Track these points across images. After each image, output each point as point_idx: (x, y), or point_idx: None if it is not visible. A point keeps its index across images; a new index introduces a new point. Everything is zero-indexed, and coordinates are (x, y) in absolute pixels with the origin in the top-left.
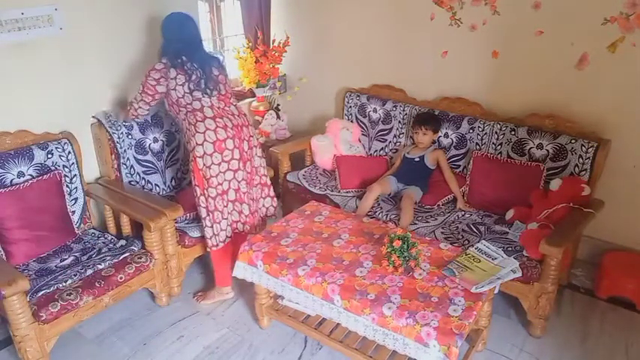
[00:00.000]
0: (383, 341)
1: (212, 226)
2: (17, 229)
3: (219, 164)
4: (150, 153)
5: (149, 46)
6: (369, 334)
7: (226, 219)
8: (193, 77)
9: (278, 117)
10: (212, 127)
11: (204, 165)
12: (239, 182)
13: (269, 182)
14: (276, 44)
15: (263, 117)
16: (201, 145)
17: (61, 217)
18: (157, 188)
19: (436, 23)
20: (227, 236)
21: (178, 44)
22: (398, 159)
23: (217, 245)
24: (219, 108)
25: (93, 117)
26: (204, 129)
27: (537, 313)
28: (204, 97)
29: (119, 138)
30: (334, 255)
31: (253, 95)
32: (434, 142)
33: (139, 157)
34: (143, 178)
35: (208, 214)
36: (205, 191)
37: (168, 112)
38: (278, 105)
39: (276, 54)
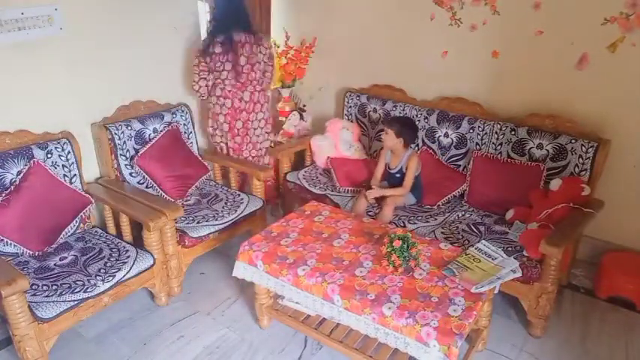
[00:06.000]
0: (384, 340)
1: None
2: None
3: None
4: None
5: (149, 46)
6: (370, 333)
7: None
8: None
9: (302, 118)
10: None
11: None
12: None
13: None
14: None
15: (287, 118)
16: None
17: None
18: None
19: (436, 23)
20: None
21: None
22: (381, 162)
23: None
24: None
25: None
26: None
27: (537, 313)
28: None
29: (117, 130)
30: (334, 255)
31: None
32: (408, 148)
33: (139, 147)
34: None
35: None
36: None
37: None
38: (304, 105)
39: (303, 54)
